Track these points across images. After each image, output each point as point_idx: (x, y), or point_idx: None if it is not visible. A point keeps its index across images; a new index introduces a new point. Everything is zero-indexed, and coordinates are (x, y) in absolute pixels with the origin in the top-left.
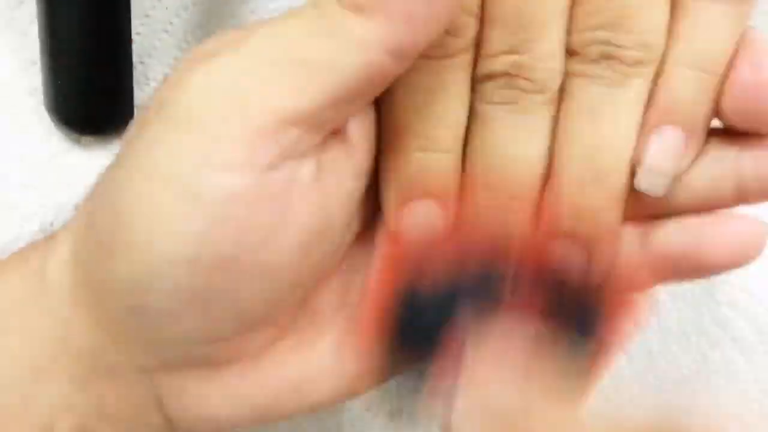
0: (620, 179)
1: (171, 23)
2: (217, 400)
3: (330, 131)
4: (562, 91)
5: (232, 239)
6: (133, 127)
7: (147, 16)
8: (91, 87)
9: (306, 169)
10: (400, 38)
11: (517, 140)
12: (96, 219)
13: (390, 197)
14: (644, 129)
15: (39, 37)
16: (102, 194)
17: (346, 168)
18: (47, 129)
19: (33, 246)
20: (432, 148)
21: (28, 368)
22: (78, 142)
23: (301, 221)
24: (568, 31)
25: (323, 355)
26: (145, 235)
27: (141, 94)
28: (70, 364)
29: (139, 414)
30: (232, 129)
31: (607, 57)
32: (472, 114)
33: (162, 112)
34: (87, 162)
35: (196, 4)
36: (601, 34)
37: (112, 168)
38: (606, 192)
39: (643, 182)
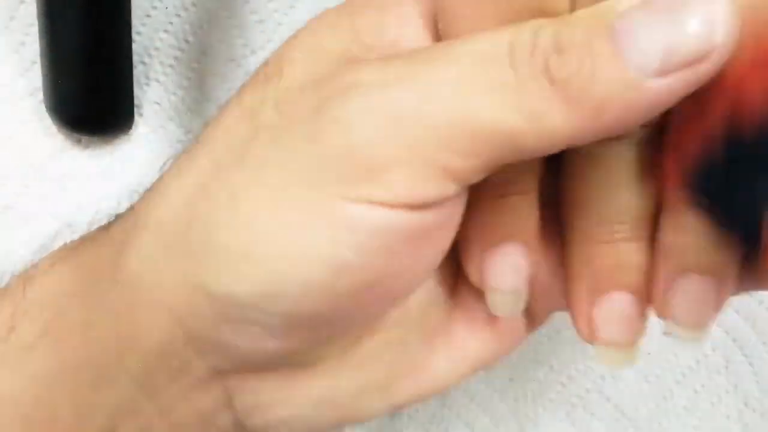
0: None
1: (171, 23)
2: (297, 402)
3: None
4: None
5: (373, 272)
6: (256, 130)
7: (147, 16)
8: (92, 87)
9: (446, 210)
10: (581, 137)
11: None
12: (202, 219)
13: (470, 249)
14: None
15: (39, 37)
16: (209, 192)
17: (462, 208)
18: (47, 129)
19: (88, 238)
20: None
21: (88, 369)
22: (78, 142)
23: (432, 255)
24: None
25: (411, 353)
26: (277, 254)
27: (141, 94)
28: (136, 364)
29: (205, 415)
30: (398, 172)
31: None
32: (574, 151)
33: (311, 130)
34: (87, 162)
35: (196, 5)
36: None
37: (226, 160)
38: None
39: None
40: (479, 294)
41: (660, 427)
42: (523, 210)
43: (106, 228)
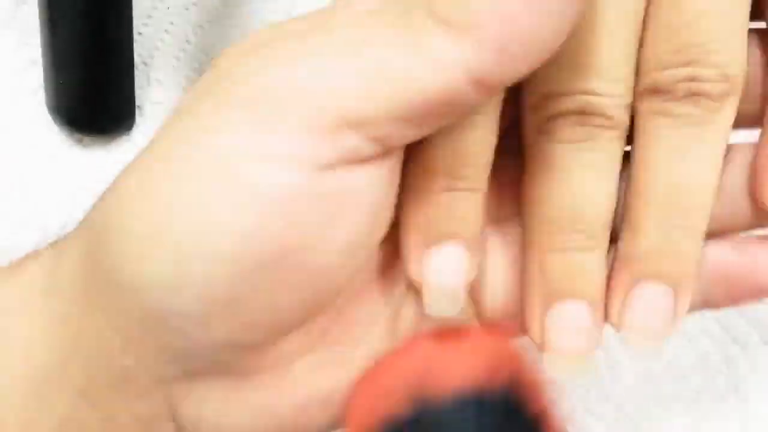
0: (705, 216)
1: (173, 23)
2: (240, 411)
3: (390, 147)
4: (630, 127)
5: (280, 238)
6: (170, 116)
7: (149, 16)
8: (93, 87)
9: (360, 176)
10: (487, 69)
11: (586, 180)
12: (116, 214)
13: (410, 243)
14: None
15: (40, 37)
16: (126, 186)
17: (387, 186)
18: (49, 129)
19: (33, 254)
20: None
21: (33, 381)
22: (80, 141)
23: (348, 227)
24: (645, 69)
25: (357, 367)
26: (181, 229)
27: (143, 94)
28: (79, 373)
29: (148, 424)
30: (294, 122)
31: (693, 94)
32: (532, 154)
33: (215, 94)
34: (88, 162)
35: (197, 5)
36: (686, 71)
37: (138, 160)
38: (692, 231)
39: None
40: (424, 315)
41: (660, 428)
42: (469, 207)
43: (48, 247)
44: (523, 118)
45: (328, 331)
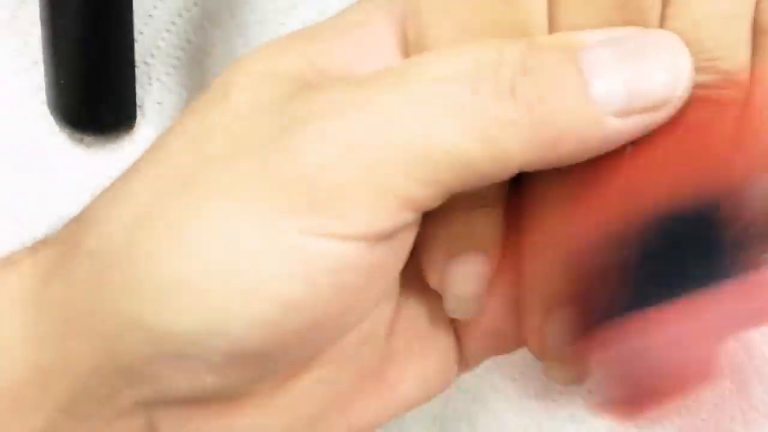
0: None
1: (173, 23)
2: None
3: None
4: None
5: (323, 307)
6: (196, 154)
7: (149, 16)
8: (94, 87)
9: (398, 241)
10: (536, 161)
11: None
12: (141, 250)
13: (431, 257)
14: None
15: (42, 37)
16: (150, 222)
17: (415, 234)
18: (50, 129)
19: (8, 261)
20: None
21: (8, 392)
22: (81, 142)
23: (384, 285)
24: None
25: (342, 392)
26: (219, 290)
27: (143, 94)
28: (63, 392)
29: None
30: (354, 202)
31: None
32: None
33: (264, 159)
34: (90, 162)
35: (198, 5)
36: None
37: (170, 189)
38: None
39: None
40: (414, 333)
41: (663, 428)
42: (489, 223)
43: (23, 257)
44: None
45: (318, 357)
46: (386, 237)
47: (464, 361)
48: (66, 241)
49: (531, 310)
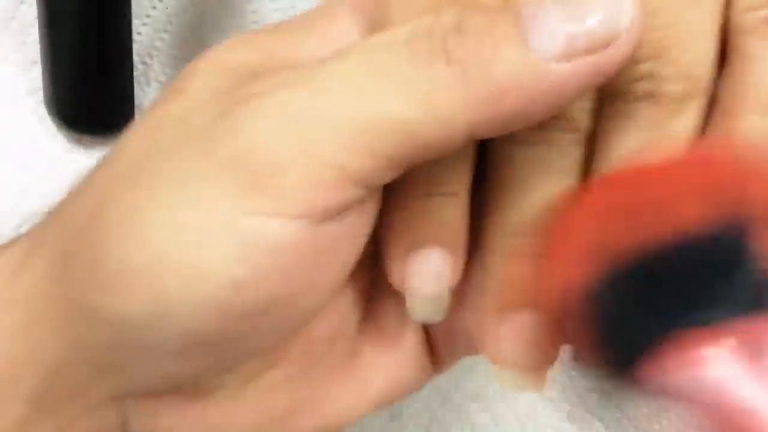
0: None
1: (171, 23)
2: (195, 428)
3: (378, 186)
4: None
5: (271, 288)
6: (148, 144)
7: (148, 16)
8: (92, 87)
9: (350, 219)
10: (484, 121)
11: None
12: (94, 240)
13: (391, 250)
14: None
15: (40, 37)
16: (109, 217)
17: (371, 217)
18: (48, 129)
19: None
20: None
21: None
22: (78, 142)
23: (336, 269)
24: None
25: (313, 387)
26: (171, 274)
27: (142, 94)
28: (32, 384)
29: None
30: (294, 180)
31: (651, 94)
32: (494, 156)
33: (207, 142)
34: (87, 162)
35: (196, 5)
36: (644, 68)
37: (116, 188)
38: None
39: None
40: (384, 331)
41: (661, 427)
42: (450, 212)
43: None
44: None
45: (288, 351)
46: (333, 215)
47: (438, 360)
48: (33, 237)
49: (489, 310)
